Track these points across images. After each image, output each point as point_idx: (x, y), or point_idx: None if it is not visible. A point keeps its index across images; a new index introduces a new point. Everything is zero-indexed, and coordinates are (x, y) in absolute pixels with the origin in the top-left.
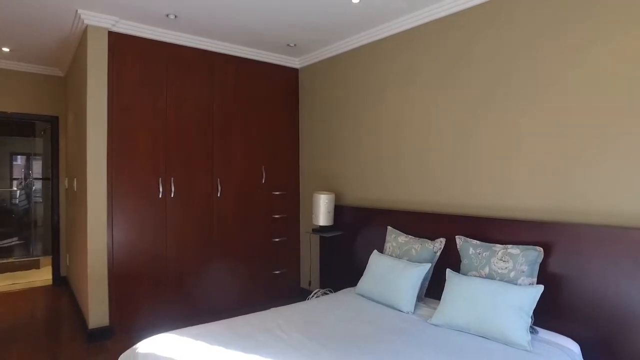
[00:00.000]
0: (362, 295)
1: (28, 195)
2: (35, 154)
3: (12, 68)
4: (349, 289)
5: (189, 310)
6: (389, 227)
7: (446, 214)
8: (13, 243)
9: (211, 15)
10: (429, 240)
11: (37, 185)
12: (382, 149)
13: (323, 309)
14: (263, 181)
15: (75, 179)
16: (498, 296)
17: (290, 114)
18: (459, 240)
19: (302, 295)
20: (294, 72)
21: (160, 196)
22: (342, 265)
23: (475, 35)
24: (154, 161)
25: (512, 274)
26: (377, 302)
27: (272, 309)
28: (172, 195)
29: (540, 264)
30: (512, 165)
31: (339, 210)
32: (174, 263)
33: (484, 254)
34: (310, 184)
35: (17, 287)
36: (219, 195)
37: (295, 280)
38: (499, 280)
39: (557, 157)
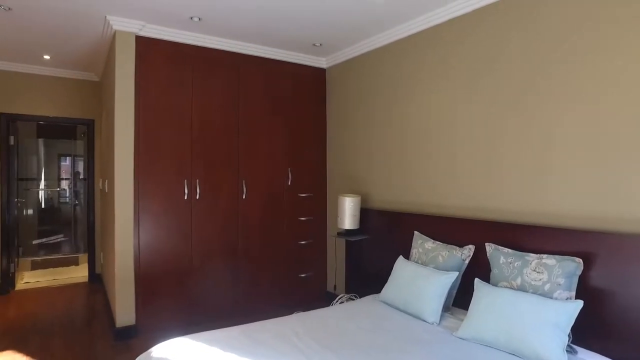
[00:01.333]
0: (386, 303)
1: (76, 195)
2: (76, 156)
3: (52, 74)
4: (373, 295)
5: (213, 312)
6: (415, 232)
7: (476, 220)
8: (59, 240)
9: (235, 16)
10: (457, 247)
11: (79, 186)
12: (409, 150)
13: (344, 316)
14: (289, 183)
15: (106, 180)
16: (531, 310)
17: (317, 115)
18: (489, 248)
19: (328, 299)
20: (321, 72)
21: (185, 198)
22: (367, 271)
23: (509, 31)
24: (179, 163)
25: (547, 287)
26: (401, 310)
27: (293, 315)
28: (197, 197)
29: (580, 276)
30: (548, 168)
31: (364, 213)
32: (199, 265)
33: (515, 264)
34: (337, 186)
35: (57, 282)
36: (244, 197)
37: (321, 284)
38: (533, 293)
39: (598, 160)
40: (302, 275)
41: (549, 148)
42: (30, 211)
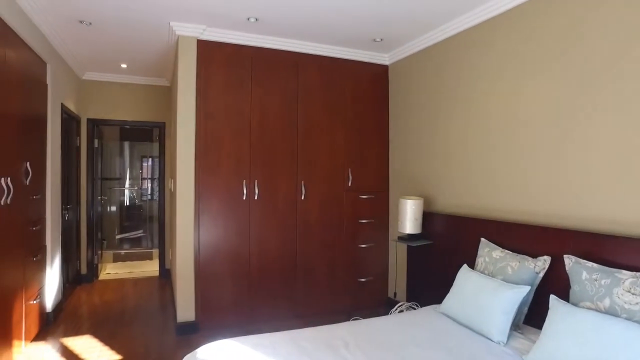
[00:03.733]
0: (447, 316)
1: (152, 193)
2: (152, 157)
3: (129, 81)
4: (433, 306)
5: (270, 312)
6: (482, 239)
7: (551, 227)
8: (138, 235)
9: (292, 14)
10: (530, 258)
11: (155, 185)
12: (473, 149)
13: (400, 327)
14: (349, 184)
15: (172, 180)
16: (624, 342)
17: (379, 113)
18: (569, 260)
19: (389, 306)
20: (383, 68)
21: (244, 198)
22: (429, 278)
23: (587, 13)
24: (238, 164)
25: None
26: (463, 325)
27: (346, 323)
28: (255, 198)
29: None
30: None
31: (428, 217)
32: (257, 265)
33: (602, 282)
34: (400, 188)
35: (133, 275)
36: (302, 198)
37: (382, 289)
38: (626, 319)
39: None
40: (362, 280)
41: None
42: (113, 208)
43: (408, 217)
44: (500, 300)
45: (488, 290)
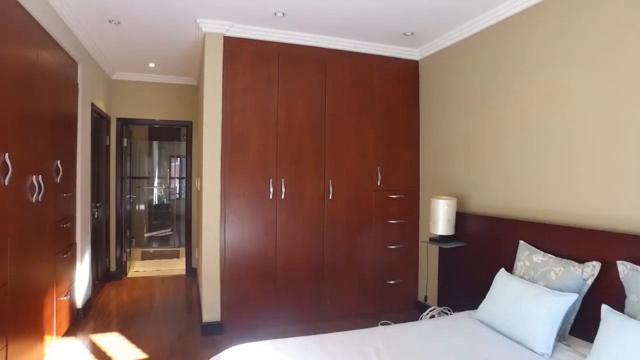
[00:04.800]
0: (483, 323)
1: (180, 192)
2: (179, 156)
3: (157, 81)
4: (468, 312)
5: (296, 314)
6: (521, 242)
7: (600, 230)
8: (166, 234)
9: (319, 8)
10: (576, 263)
11: (182, 184)
12: (511, 147)
13: (433, 333)
14: (378, 183)
15: (198, 179)
16: None
17: (409, 110)
18: (623, 267)
19: (418, 309)
20: (413, 64)
21: (270, 197)
22: (463, 282)
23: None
24: (264, 162)
25: None
26: (502, 334)
27: (375, 328)
28: (282, 197)
29: None
30: None
31: (461, 218)
32: (283, 265)
33: None
34: (431, 187)
35: (160, 273)
36: (330, 197)
37: (411, 292)
38: None
39: None
40: (391, 282)
41: None
42: (142, 207)
43: (440, 217)
44: (544, 308)
45: (530, 297)
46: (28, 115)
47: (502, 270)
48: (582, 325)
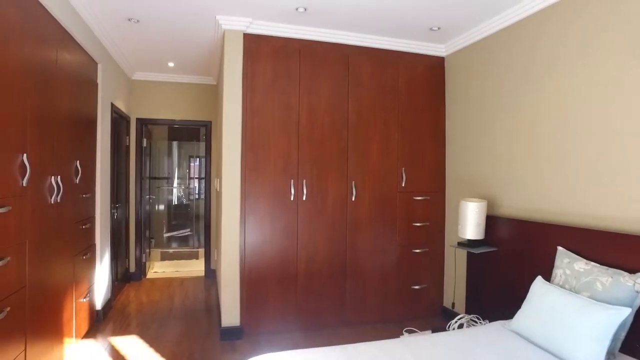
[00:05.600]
0: (520, 335)
1: (199, 193)
2: (198, 157)
3: (177, 81)
4: (501, 322)
5: (317, 319)
6: (559, 248)
7: None
8: (185, 234)
9: (342, 3)
10: (626, 273)
11: (201, 184)
12: (546, 146)
13: (463, 345)
14: (403, 184)
15: (217, 179)
16: None
17: (435, 109)
18: None
19: (443, 316)
20: (439, 60)
21: (292, 199)
22: (494, 289)
23: None
24: (286, 162)
25: None
26: (542, 348)
27: (401, 338)
28: (304, 198)
29: None
30: None
31: (491, 221)
32: (304, 269)
33: None
34: (457, 189)
35: (179, 274)
36: (353, 199)
37: (437, 298)
38: None
39: None
40: (416, 287)
41: None
42: (161, 207)
43: (469, 221)
44: (591, 323)
45: (573, 309)
46: (47, 115)
47: (539, 278)
48: (634, 341)
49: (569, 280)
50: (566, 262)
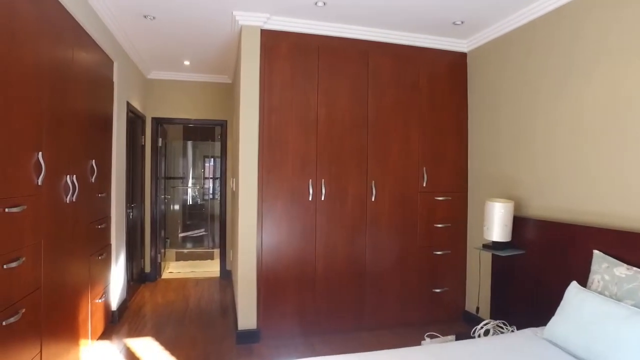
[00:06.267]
0: (555, 344)
1: (214, 193)
2: (213, 157)
3: (192, 79)
4: (532, 329)
5: (335, 323)
6: (595, 252)
7: None
8: (200, 234)
9: None
10: None
11: (216, 184)
12: (581, 143)
13: (492, 355)
14: (424, 184)
15: (234, 179)
16: None
17: (456, 106)
18: None
19: (465, 320)
20: (461, 56)
21: (310, 199)
22: (521, 294)
23: None
24: (304, 161)
25: None
26: (581, 359)
27: (425, 346)
28: (322, 198)
29: None
30: None
31: (519, 222)
32: (322, 270)
33: None
34: (481, 189)
35: (194, 275)
36: (373, 199)
37: (459, 302)
38: None
39: None
40: (437, 290)
41: None
42: (177, 207)
43: (496, 222)
44: (639, 334)
45: (618, 319)
46: (63, 113)
47: (575, 283)
48: None
49: (608, 287)
50: (604, 267)
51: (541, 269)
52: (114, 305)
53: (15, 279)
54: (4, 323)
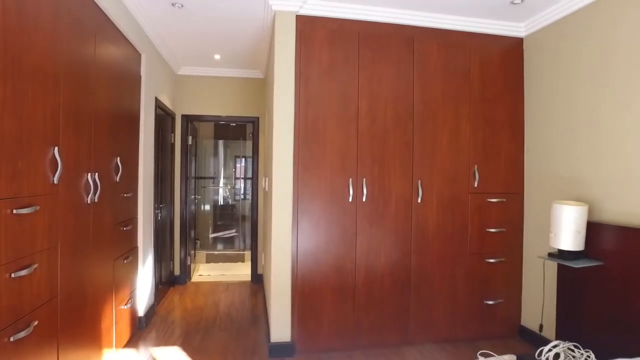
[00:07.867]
0: None
1: (245, 193)
2: (244, 156)
3: (223, 75)
4: None
5: (377, 337)
6: None
7: None
8: (231, 235)
9: None
10: None
11: (248, 185)
12: None
13: None
14: (475, 184)
15: (266, 179)
16: None
17: (512, 97)
18: None
19: (522, 337)
20: (517, 42)
21: (350, 200)
22: (598, 312)
23: None
24: (343, 158)
25: None
26: None
27: None
28: (363, 199)
29: None
30: None
31: (593, 229)
32: (363, 279)
33: None
34: (540, 190)
35: (224, 278)
36: (419, 200)
37: (514, 316)
38: None
39: None
40: (489, 302)
41: None
42: (207, 207)
43: (565, 228)
44: None
45: None
46: (84, 106)
47: None
48: None
49: None
50: None
51: (626, 283)
52: (141, 311)
53: (27, 288)
54: (11, 339)
